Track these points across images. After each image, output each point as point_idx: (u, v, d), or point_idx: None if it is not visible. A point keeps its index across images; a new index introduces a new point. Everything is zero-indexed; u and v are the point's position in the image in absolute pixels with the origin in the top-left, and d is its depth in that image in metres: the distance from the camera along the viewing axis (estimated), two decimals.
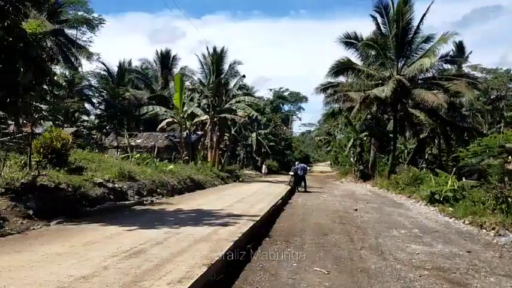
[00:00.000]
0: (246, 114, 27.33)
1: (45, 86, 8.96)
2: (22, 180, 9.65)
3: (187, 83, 30.92)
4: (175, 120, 27.41)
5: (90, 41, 38.02)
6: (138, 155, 18.10)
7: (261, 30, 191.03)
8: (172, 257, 5.79)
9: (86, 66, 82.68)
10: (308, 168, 24.50)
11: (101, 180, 11.98)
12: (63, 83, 39.83)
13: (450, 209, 16.14)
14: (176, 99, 25.43)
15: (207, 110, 27.63)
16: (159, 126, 30.27)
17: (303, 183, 23.69)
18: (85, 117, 48.49)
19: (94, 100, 41.53)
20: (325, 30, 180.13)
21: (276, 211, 12.66)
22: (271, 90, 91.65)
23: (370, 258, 7.52)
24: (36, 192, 9.16)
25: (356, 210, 14.70)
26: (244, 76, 30.68)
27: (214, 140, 28.29)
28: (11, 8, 8.20)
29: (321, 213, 13.41)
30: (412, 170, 25.41)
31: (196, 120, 28.80)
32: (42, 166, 11.37)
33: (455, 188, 18.67)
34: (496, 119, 45.52)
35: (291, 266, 6.81)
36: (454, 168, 20.63)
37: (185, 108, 26.63)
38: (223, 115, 26.76)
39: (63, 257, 5.52)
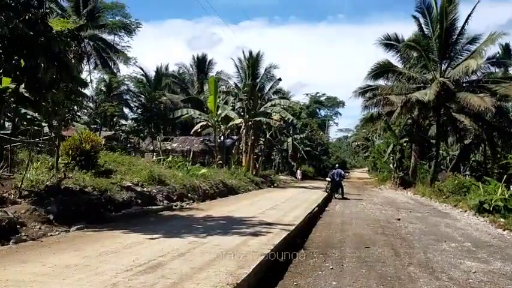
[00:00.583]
0: (281, 117, 26.56)
1: (69, 84, 8.48)
2: (47, 183, 9.28)
3: (222, 87, 30.60)
4: (209, 123, 26.98)
5: (129, 46, 38.43)
6: (169, 158, 17.69)
7: (298, 36, 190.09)
8: (193, 273, 5.09)
9: (124, 70, 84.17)
10: (345, 174, 23.40)
11: (129, 184, 11.53)
12: (103, 88, 40.54)
13: (502, 220, 14.81)
14: (210, 102, 25.02)
15: (242, 113, 27.03)
16: (193, 129, 29.95)
17: (340, 190, 22.71)
18: (123, 121, 49.20)
19: (132, 104, 41.95)
20: (363, 35, 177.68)
21: (312, 219, 11.83)
22: (307, 95, 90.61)
23: (421, 277, 6.60)
24: (59, 196, 8.74)
25: (399, 219, 13.65)
26: (280, 79, 29.99)
27: (249, 144, 27.67)
28: (35, 2, 7.81)
29: (361, 223, 12.47)
30: (458, 177, 23.88)
31: (231, 124, 28.29)
32: (70, 168, 11.02)
33: (506, 197, 17.28)
34: None
35: (330, 285, 6.00)
36: (505, 176, 19.06)
37: (219, 111, 26.16)
38: (258, 119, 26.09)
39: (71, 270, 4.93)
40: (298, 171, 32.55)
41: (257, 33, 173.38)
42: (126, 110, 47.36)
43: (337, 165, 24.51)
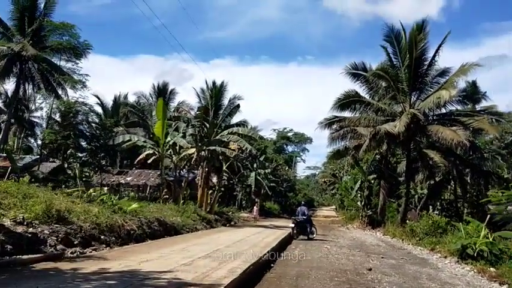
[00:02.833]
0: (239, 147, 23.77)
1: None
2: None
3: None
4: (156, 152, 23.82)
5: (82, 72, 34.92)
6: (91, 189, 14.49)
7: (268, 75, 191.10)
8: None
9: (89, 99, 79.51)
10: (308, 212, 20.61)
11: (9, 223, 8.37)
12: (55, 116, 36.92)
13: (492, 269, 12.29)
14: (157, 128, 22.04)
15: (194, 141, 24.02)
16: (138, 158, 26.71)
17: (309, 230, 19.86)
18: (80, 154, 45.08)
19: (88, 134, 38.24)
20: (331, 76, 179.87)
21: (256, 272, 8.88)
22: (274, 130, 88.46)
23: None
24: None
25: (370, 270, 10.88)
26: (239, 106, 27.37)
27: (202, 177, 24.71)
28: None
29: (323, 275, 9.64)
30: (432, 216, 21.54)
31: (184, 154, 25.21)
32: None
33: (491, 240, 14.90)
34: (506, 165, 42.03)
35: None
36: (488, 216, 16.77)
37: (168, 138, 23.15)
38: (212, 148, 23.15)
39: None
40: (255, 208, 29.07)
41: (228, 71, 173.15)
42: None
43: (302, 202, 21.67)
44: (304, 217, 20.03)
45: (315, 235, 20.25)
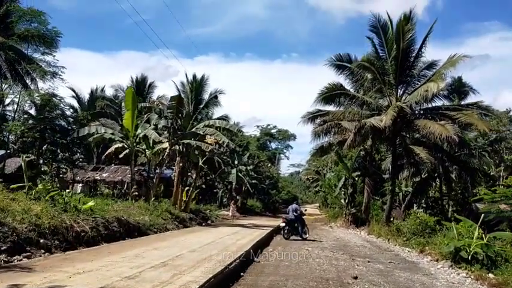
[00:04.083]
0: (215, 141, 22.14)
1: None
2: None
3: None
4: (125, 145, 22.01)
5: (52, 61, 32.76)
6: (41, 185, 12.73)
7: (253, 72, 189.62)
8: None
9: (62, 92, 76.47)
10: (300, 209, 19.43)
11: None
12: (28, 109, 34.76)
13: (491, 276, 11.01)
14: (127, 119, 20.27)
15: (167, 134, 22.25)
16: (107, 152, 24.86)
17: (300, 229, 18.75)
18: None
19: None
20: (316, 74, 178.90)
21: (219, 285, 7.36)
22: (258, 127, 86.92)
23: None
24: None
25: (356, 278, 9.47)
26: (216, 97, 25.77)
27: (177, 172, 23.06)
28: None
29: (300, 285, 8.20)
30: (420, 215, 20.31)
31: (158, 148, 23.49)
32: None
33: (486, 242, 13.65)
34: (496, 162, 41.40)
35: None
36: (482, 215, 15.53)
37: (138, 131, 21.39)
38: (187, 141, 21.42)
39: None
40: (232, 206, 27.31)
41: (212, 68, 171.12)
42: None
43: (295, 202, 20.52)
44: (296, 214, 18.78)
45: (307, 235, 19.20)
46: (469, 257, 12.80)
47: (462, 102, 36.72)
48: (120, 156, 23.94)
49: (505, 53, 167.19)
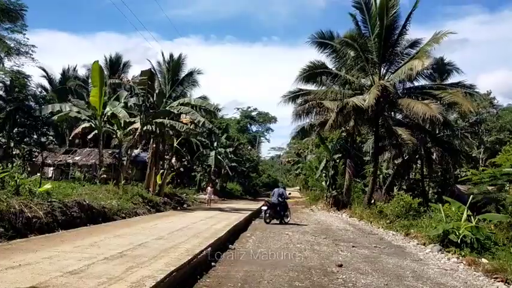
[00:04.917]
0: (191, 120, 20.85)
1: None
2: None
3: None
4: (93, 125, 20.54)
5: (21, 39, 30.70)
6: None
7: (234, 55, 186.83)
8: None
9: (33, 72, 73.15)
10: (286, 194, 18.54)
11: None
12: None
13: (484, 260, 10.23)
14: (94, 96, 18.82)
15: (138, 113, 20.79)
16: (74, 132, 23.31)
17: (282, 213, 18.02)
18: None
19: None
20: (297, 56, 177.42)
21: (183, 279, 6.30)
22: (238, 109, 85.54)
23: None
24: None
25: (341, 266, 8.53)
26: (191, 74, 24.53)
27: (150, 154, 21.77)
28: None
29: (279, 277, 7.20)
30: (404, 197, 19.58)
31: (130, 128, 22.06)
32: None
33: (475, 224, 12.95)
34: (476, 144, 41.29)
35: None
36: (471, 197, 14.80)
37: (107, 109, 19.93)
38: (160, 120, 20.07)
39: None
40: (209, 189, 26.19)
41: (192, 50, 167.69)
42: None
43: (280, 184, 19.67)
44: (280, 199, 17.90)
45: (289, 219, 18.48)
46: (459, 241, 12.06)
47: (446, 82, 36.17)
48: (89, 137, 22.51)
49: (484, 36, 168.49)
